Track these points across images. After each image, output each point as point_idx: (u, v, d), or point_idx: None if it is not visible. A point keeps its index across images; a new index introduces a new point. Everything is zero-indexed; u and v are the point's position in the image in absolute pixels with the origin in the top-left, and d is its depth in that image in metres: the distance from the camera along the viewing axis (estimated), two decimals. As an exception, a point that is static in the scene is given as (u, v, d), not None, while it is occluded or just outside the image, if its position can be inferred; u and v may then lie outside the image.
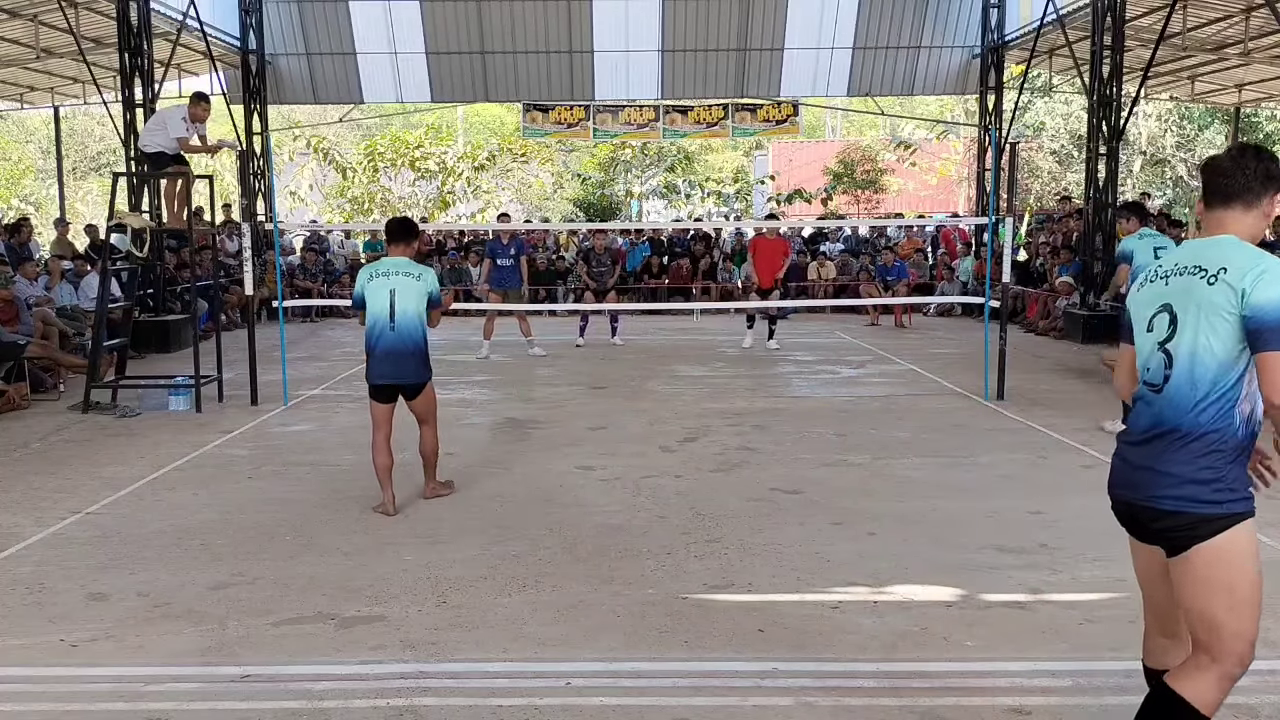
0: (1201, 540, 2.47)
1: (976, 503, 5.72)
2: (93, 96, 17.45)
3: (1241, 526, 2.47)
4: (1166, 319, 2.55)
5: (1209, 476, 2.46)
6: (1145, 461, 2.55)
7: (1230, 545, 2.46)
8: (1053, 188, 27.75)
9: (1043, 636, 3.89)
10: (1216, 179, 2.59)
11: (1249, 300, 2.39)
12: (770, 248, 12.56)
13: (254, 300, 9.38)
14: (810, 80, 18.93)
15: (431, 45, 18.34)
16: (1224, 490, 2.45)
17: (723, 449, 7.08)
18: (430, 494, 5.86)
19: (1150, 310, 2.61)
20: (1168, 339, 2.54)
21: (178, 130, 8.87)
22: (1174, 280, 2.57)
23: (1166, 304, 2.56)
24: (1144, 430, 2.58)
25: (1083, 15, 14.45)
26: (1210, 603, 2.48)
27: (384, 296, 5.53)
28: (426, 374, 5.68)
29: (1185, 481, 2.47)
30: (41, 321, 10.34)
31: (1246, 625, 2.50)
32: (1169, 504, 2.50)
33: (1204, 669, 2.53)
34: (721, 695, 3.43)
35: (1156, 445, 2.54)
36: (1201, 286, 2.48)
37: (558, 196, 33.10)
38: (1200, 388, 2.47)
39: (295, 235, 19.59)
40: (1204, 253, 2.53)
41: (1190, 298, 2.50)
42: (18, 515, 5.53)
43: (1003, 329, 8.96)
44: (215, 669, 3.65)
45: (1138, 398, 2.65)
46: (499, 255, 11.93)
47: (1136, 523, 2.63)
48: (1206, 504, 2.46)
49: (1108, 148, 13.74)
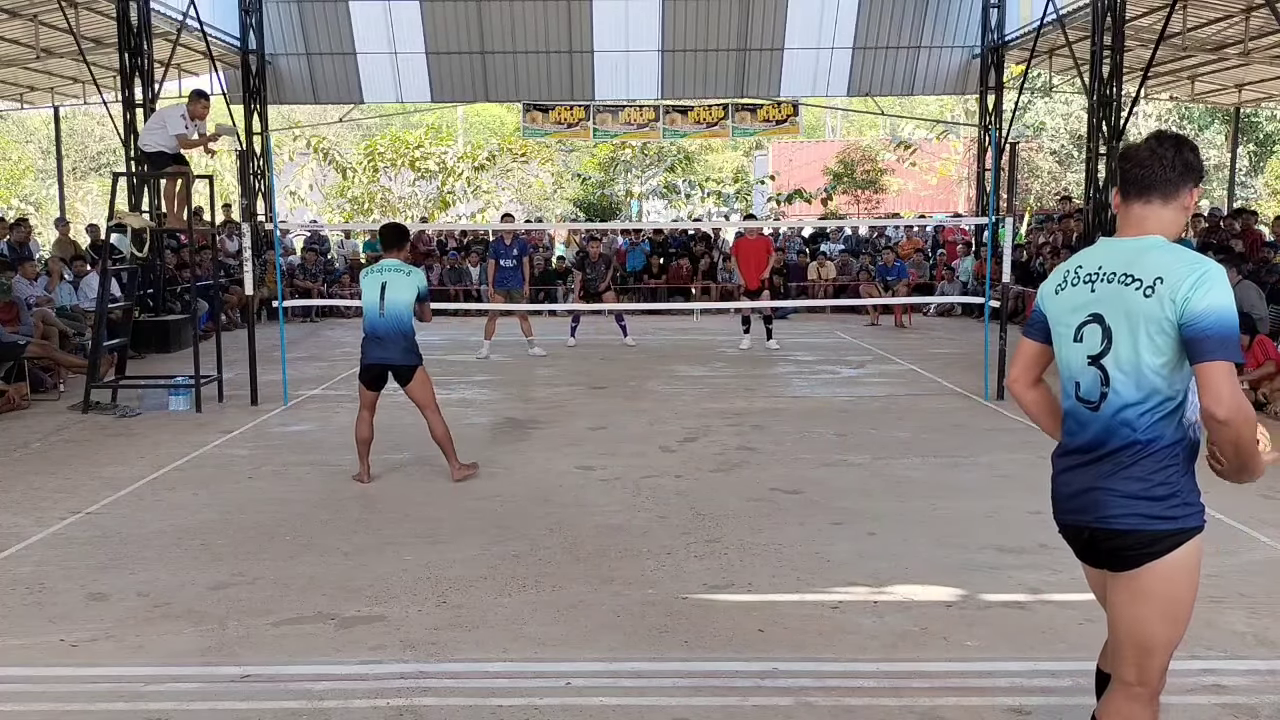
0: (1155, 558, 2.36)
1: (976, 503, 5.72)
2: (93, 96, 17.45)
3: (1194, 541, 2.37)
4: (1099, 331, 2.39)
5: (1163, 493, 2.34)
6: (1092, 482, 2.41)
7: (1183, 561, 2.36)
8: (1053, 188, 27.76)
9: (1043, 636, 3.89)
10: (1133, 169, 2.41)
11: (1188, 308, 2.25)
12: (751, 248, 12.46)
13: (254, 300, 9.38)
14: (810, 80, 18.94)
15: (431, 45, 18.36)
16: (1179, 506, 2.35)
17: (723, 449, 7.08)
18: (458, 477, 6.15)
19: (1076, 318, 2.44)
20: (1102, 353, 2.38)
21: (177, 127, 8.87)
22: (1101, 287, 2.39)
23: (1096, 314, 2.39)
24: (1086, 449, 2.44)
25: (1083, 15, 14.46)
26: (1150, 617, 2.38)
27: (376, 288, 6.13)
28: (415, 359, 6.13)
29: (1139, 498, 2.35)
30: (41, 321, 10.34)
31: (1178, 635, 2.44)
32: (1125, 523, 2.36)
33: (1135, 699, 2.45)
34: (721, 695, 3.43)
35: (1104, 464, 2.39)
36: (1136, 298, 2.32)
37: (558, 196, 33.09)
38: (1146, 403, 2.33)
39: (295, 235, 19.59)
40: (1133, 259, 2.36)
41: (1123, 309, 2.34)
42: (18, 515, 5.54)
43: (1003, 329, 8.96)
44: (215, 669, 3.65)
45: (1069, 414, 2.50)
46: (502, 256, 11.96)
47: (1090, 545, 2.49)
48: (1162, 520, 2.34)
49: (1108, 148, 13.75)
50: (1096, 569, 2.54)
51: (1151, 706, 2.47)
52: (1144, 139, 2.48)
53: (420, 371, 6.15)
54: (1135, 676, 2.45)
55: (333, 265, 18.51)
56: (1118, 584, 2.44)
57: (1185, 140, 2.44)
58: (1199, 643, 3.70)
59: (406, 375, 6.13)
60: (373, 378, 6.22)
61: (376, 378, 6.23)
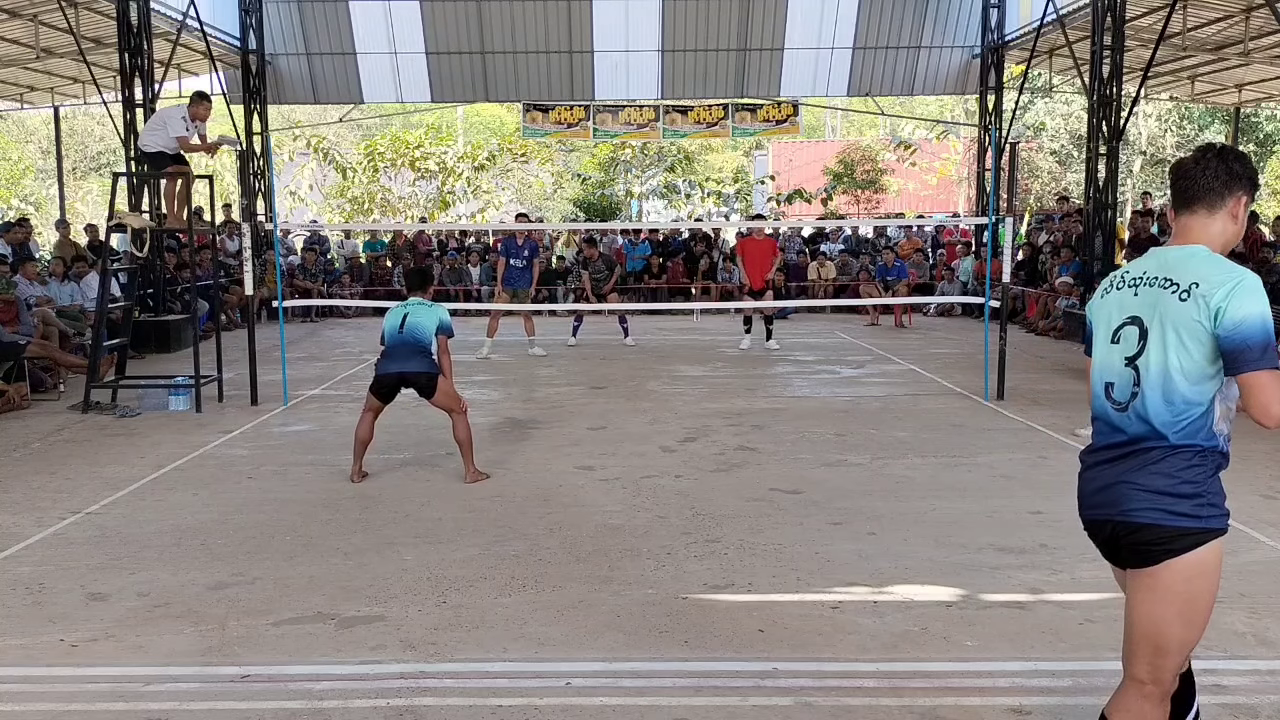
0: (1176, 555, 2.37)
1: (976, 503, 5.72)
2: (93, 96, 17.47)
3: (1216, 543, 2.38)
4: (1135, 333, 2.43)
5: (1189, 491, 2.36)
6: (1117, 477, 2.44)
7: (1203, 561, 2.37)
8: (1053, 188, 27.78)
9: (1042, 636, 3.89)
10: (1179, 182, 2.49)
11: (1224, 317, 2.28)
12: (758, 248, 12.48)
13: (254, 300, 9.38)
14: (810, 80, 18.94)
15: (431, 45, 18.36)
16: (1204, 505, 2.36)
17: (723, 449, 7.08)
18: (471, 479, 6.19)
19: (1116, 321, 2.49)
20: (1136, 355, 2.42)
21: (177, 129, 8.87)
22: (1143, 290, 2.45)
23: (1135, 316, 2.45)
24: (1113, 446, 2.46)
25: (1083, 15, 14.46)
26: (1167, 616, 2.39)
27: (398, 316, 6.29)
28: (435, 368, 6.19)
29: (1162, 494, 2.36)
30: (41, 321, 10.34)
31: (1194, 637, 2.45)
32: (1146, 516, 2.38)
33: (1147, 697, 2.46)
34: (721, 695, 3.43)
35: (1131, 461, 2.42)
36: (1173, 301, 2.37)
37: (558, 196, 33.08)
38: (1175, 405, 2.36)
39: (295, 235, 19.59)
40: (1175, 265, 2.42)
41: (1160, 312, 2.39)
42: (18, 515, 5.54)
43: (1003, 329, 8.95)
44: (215, 669, 3.65)
45: (1099, 415, 2.53)
46: (513, 255, 11.94)
47: (1112, 541, 2.50)
48: (1185, 517, 2.36)
49: (1108, 148, 13.74)
50: (1122, 569, 2.55)
51: (1163, 706, 2.48)
52: (1191, 152, 2.54)
53: (442, 380, 6.18)
54: (1148, 675, 2.46)
55: (333, 265, 18.51)
56: (1137, 581, 2.45)
57: (1230, 150, 2.49)
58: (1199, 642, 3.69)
59: (428, 385, 6.14)
60: (386, 389, 6.23)
61: (390, 389, 6.24)
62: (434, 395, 6.16)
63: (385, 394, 6.27)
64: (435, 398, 6.18)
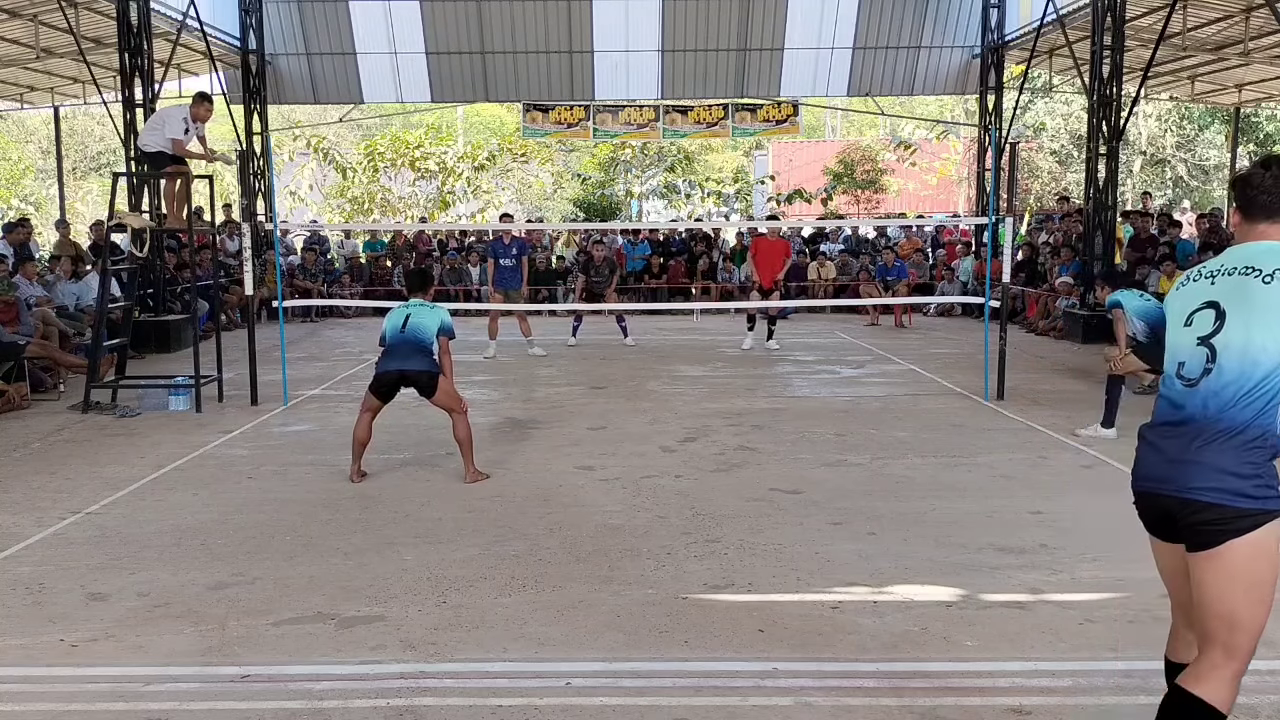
0: (1236, 535, 2.44)
1: (976, 503, 5.72)
2: (93, 96, 17.45)
3: (1276, 524, 2.45)
4: (1211, 315, 2.54)
5: (1250, 471, 2.44)
6: (1181, 454, 2.51)
7: (1264, 541, 2.44)
8: (1053, 188, 27.77)
9: (1042, 636, 3.89)
10: (1258, 195, 2.60)
11: None
12: (771, 248, 12.59)
13: (254, 300, 9.38)
14: (810, 80, 18.94)
15: (431, 45, 18.35)
16: (1263, 486, 2.44)
17: (723, 449, 7.08)
18: (471, 479, 6.18)
19: (1190, 307, 2.61)
20: (1212, 334, 2.52)
21: (174, 131, 8.86)
22: (1221, 280, 2.57)
23: (1212, 301, 2.55)
24: (1178, 422, 2.55)
25: (1083, 15, 14.45)
26: (1235, 598, 2.46)
27: (400, 316, 6.31)
28: (436, 367, 6.19)
29: (1226, 474, 2.44)
30: (41, 321, 10.34)
31: (1263, 620, 2.50)
32: (1208, 496, 2.45)
33: (1218, 668, 2.51)
34: (721, 695, 3.43)
35: (1195, 439, 2.50)
36: (1256, 285, 2.49)
37: (558, 196, 33.06)
38: (1247, 384, 2.45)
39: (295, 235, 19.59)
40: (1255, 256, 2.54)
41: (1242, 295, 2.50)
42: (18, 515, 5.54)
43: (1003, 329, 8.95)
44: (215, 669, 3.65)
45: (1166, 394, 2.62)
46: (501, 255, 11.99)
47: (1166, 517, 2.58)
48: (1247, 498, 2.43)
49: (1108, 148, 13.74)
50: (1168, 544, 2.60)
51: (1235, 681, 2.52)
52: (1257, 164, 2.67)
53: (443, 379, 6.18)
54: (1223, 653, 2.50)
55: (333, 265, 18.51)
56: (1200, 563, 2.51)
57: None
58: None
59: (429, 384, 6.14)
60: (385, 388, 6.23)
61: (390, 388, 6.24)
62: (434, 395, 6.17)
63: (385, 393, 6.26)
64: (436, 397, 6.18)
